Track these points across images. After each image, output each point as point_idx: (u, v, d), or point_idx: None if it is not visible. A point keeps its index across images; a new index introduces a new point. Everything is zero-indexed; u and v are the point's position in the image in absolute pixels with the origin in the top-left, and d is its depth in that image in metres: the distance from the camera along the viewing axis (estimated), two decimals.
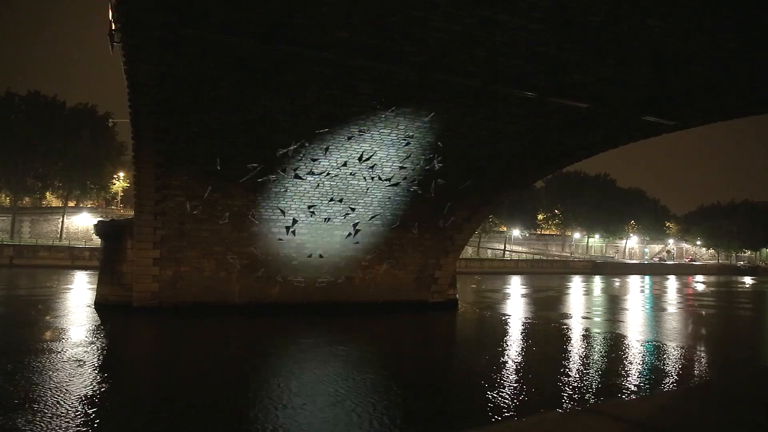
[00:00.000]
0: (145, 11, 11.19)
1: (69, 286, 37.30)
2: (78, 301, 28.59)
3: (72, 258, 53.11)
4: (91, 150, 63.53)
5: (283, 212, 23.35)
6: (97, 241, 29.97)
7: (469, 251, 74.94)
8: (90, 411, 11.14)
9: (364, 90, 15.93)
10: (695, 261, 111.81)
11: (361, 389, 13.97)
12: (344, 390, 13.71)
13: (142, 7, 11.08)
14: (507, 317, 29.51)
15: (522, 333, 24.90)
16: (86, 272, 44.93)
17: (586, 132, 19.32)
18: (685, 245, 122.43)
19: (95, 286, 25.94)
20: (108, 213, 64.99)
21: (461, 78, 14.68)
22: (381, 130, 19.05)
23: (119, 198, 76.46)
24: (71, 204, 70.18)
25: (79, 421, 10.55)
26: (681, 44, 11.84)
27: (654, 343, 22.77)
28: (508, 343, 22.05)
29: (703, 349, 22.34)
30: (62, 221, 66.16)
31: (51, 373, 14.07)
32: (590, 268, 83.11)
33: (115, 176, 71.99)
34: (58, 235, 64.67)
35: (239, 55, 13.89)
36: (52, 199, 73.25)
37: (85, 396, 12.15)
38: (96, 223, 27.29)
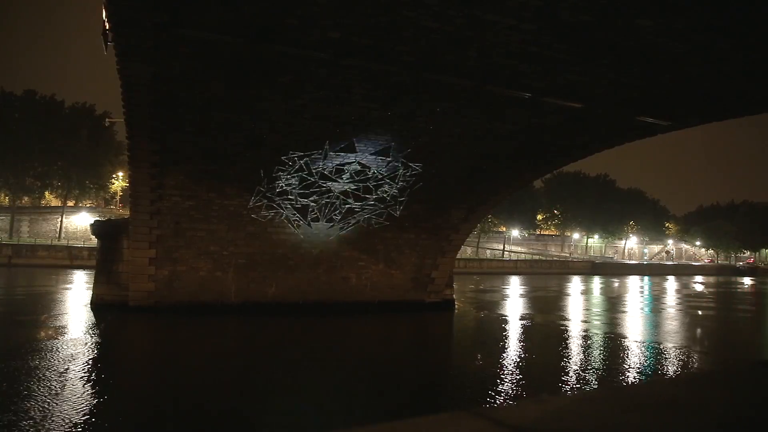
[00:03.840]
0: (135, 11, 11.18)
1: (66, 286, 37.30)
2: (75, 300, 28.61)
3: (70, 257, 53.03)
4: (89, 149, 63.49)
5: (278, 213, 23.35)
6: (95, 240, 29.92)
7: (468, 251, 74.91)
8: (83, 411, 11.14)
9: (357, 90, 15.91)
10: (666, 262, 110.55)
11: (352, 390, 13.98)
12: (334, 389, 13.73)
13: (132, 7, 11.06)
14: (504, 318, 29.49)
15: (518, 334, 24.89)
16: (84, 272, 44.91)
17: (582, 132, 19.31)
18: (684, 245, 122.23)
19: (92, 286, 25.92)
20: (107, 212, 64.78)
21: (454, 78, 14.67)
22: (375, 131, 19.04)
23: (118, 197, 76.30)
24: (70, 203, 70.08)
25: (72, 421, 10.54)
26: (673, 44, 11.83)
27: (651, 345, 22.76)
28: (503, 344, 22.03)
29: (695, 350, 22.32)
30: (61, 221, 66.09)
31: (44, 373, 14.06)
32: (589, 268, 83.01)
33: (114, 176, 71.86)
34: (57, 235, 64.61)
35: (232, 55, 13.89)
36: (51, 199, 73.14)
37: (78, 396, 12.16)
38: (92, 222, 27.28)
